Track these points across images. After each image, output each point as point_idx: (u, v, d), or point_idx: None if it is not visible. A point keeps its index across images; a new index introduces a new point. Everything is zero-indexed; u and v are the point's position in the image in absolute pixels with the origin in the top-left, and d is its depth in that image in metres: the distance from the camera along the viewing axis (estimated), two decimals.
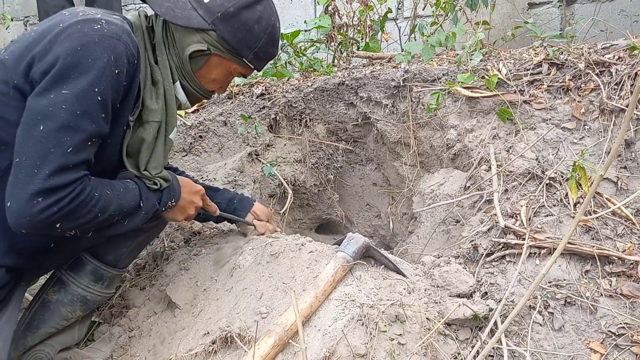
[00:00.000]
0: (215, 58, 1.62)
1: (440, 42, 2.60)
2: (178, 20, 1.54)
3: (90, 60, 1.32)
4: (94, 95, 1.33)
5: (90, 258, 1.79)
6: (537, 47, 2.60)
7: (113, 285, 1.90)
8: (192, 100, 1.74)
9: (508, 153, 2.16)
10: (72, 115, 1.30)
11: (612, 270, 1.73)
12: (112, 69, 1.35)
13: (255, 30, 1.60)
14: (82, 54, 1.32)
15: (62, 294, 1.76)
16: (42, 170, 1.28)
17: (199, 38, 1.57)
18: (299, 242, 1.90)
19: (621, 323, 1.62)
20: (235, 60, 1.64)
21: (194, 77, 1.65)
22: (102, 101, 1.35)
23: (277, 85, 2.88)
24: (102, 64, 1.33)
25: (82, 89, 1.31)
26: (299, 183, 2.83)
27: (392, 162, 2.87)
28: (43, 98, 1.30)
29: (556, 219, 1.88)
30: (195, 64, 1.62)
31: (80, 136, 1.32)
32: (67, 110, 1.30)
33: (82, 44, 1.32)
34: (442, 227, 2.28)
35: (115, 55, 1.36)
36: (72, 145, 1.31)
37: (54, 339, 1.77)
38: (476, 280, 1.80)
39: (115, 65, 1.36)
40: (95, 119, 1.35)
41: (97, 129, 1.36)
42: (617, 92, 2.10)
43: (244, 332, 1.58)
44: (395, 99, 2.66)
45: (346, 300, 1.60)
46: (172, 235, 2.31)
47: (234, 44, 1.59)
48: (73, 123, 1.31)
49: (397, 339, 1.53)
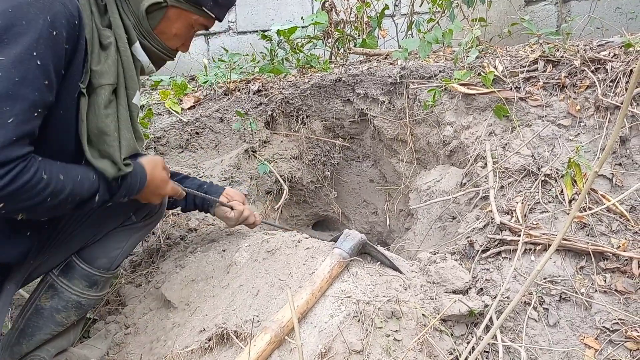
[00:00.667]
0: (173, 10, 1.52)
1: (437, 39, 2.60)
2: None
3: (25, 22, 1.20)
4: (32, 59, 1.20)
5: (81, 263, 1.72)
6: (533, 44, 2.61)
7: (107, 286, 1.86)
8: (155, 62, 1.62)
9: (504, 150, 2.16)
10: (10, 82, 1.17)
11: (607, 267, 1.74)
12: (49, 31, 1.22)
13: None
14: (14, 16, 1.19)
15: (56, 301, 1.71)
16: None
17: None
18: (295, 238, 1.90)
19: (615, 319, 1.63)
20: (194, 11, 1.54)
21: (154, 34, 1.54)
22: (42, 66, 1.21)
23: (273, 82, 2.87)
24: (37, 26, 1.20)
25: (18, 54, 1.18)
26: (295, 180, 2.84)
27: (388, 159, 2.88)
28: None
29: (551, 216, 1.89)
30: (152, 19, 1.51)
31: (21, 105, 1.18)
32: (4, 77, 1.16)
33: (14, 5, 1.20)
34: (439, 223, 2.29)
35: (52, 15, 1.23)
36: (12, 115, 1.17)
37: (50, 344, 1.73)
38: (472, 276, 1.80)
39: (53, 27, 1.23)
40: (36, 86, 1.21)
41: (40, 97, 1.22)
42: (612, 89, 2.11)
43: (240, 328, 1.58)
44: (392, 95, 2.66)
45: (342, 297, 1.60)
46: (168, 232, 2.31)
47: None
48: (12, 91, 1.17)
49: (393, 335, 1.53)
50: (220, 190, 2.02)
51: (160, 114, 2.67)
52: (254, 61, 3.41)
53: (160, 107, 2.73)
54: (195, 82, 3.20)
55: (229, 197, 2.02)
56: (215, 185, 2.05)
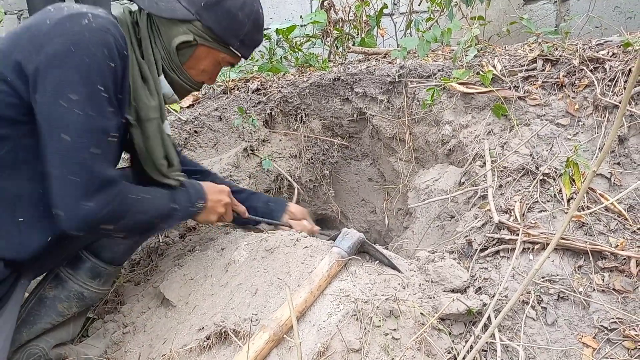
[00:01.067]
0: (202, 49, 1.62)
1: (435, 37, 2.60)
2: (162, 12, 1.54)
3: (87, 60, 1.33)
4: (100, 92, 1.35)
5: (88, 255, 1.79)
6: (532, 43, 2.61)
7: (109, 282, 1.91)
8: (180, 93, 1.73)
9: (502, 149, 2.17)
10: (89, 118, 1.34)
11: (605, 266, 1.74)
12: (108, 63, 1.36)
13: (239, 17, 1.60)
14: (77, 54, 1.32)
15: (59, 290, 1.77)
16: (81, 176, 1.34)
17: (185, 29, 1.57)
18: (294, 237, 1.90)
19: (613, 318, 1.63)
20: (222, 50, 1.64)
21: (183, 69, 1.65)
22: (107, 97, 1.37)
23: (272, 81, 2.87)
24: (99, 60, 1.34)
25: (89, 91, 1.33)
26: (294, 178, 2.84)
27: (387, 158, 2.88)
28: (54, 106, 1.32)
29: (550, 215, 1.89)
30: (182, 55, 1.62)
31: (100, 136, 1.37)
32: (83, 115, 1.33)
33: (74, 43, 1.32)
34: (437, 222, 2.29)
35: (108, 48, 1.36)
36: (98, 146, 1.36)
37: (49, 334, 1.77)
38: (470, 275, 1.81)
39: (111, 59, 1.36)
40: (108, 116, 1.39)
41: (112, 124, 1.40)
42: (611, 89, 2.11)
43: (238, 327, 1.58)
44: (390, 94, 2.66)
45: (341, 296, 1.60)
46: (167, 230, 2.31)
47: (220, 32, 1.59)
48: (92, 126, 1.35)
49: (392, 334, 1.54)
50: (284, 207, 2.11)
51: None
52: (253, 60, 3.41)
53: None
54: None
55: (292, 215, 2.11)
56: (279, 200, 2.19)
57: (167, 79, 1.65)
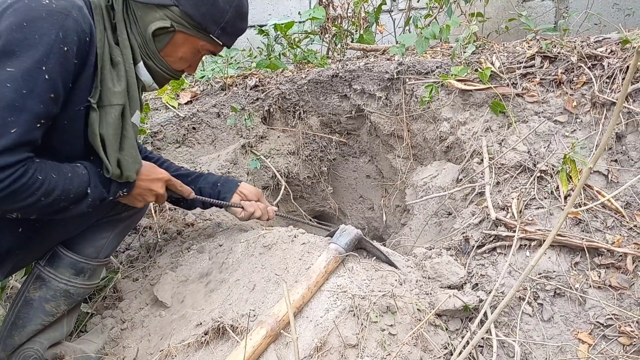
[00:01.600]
0: (180, 35, 1.54)
1: (434, 34, 2.60)
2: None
3: (37, 37, 1.25)
4: (41, 73, 1.26)
5: (66, 252, 1.73)
6: (530, 40, 2.61)
7: (97, 276, 1.85)
8: (159, 81, 1.65)
9: (500, 146, 2.17)
10: (18, 94, 1.23)
11: (601, 262, 1.75)
12: (60, 46, 1.28)
13: (220, 3, 1.52)
14: (28, 30, 1.24)
15: (44, 291, 1.72)
16: None
17: (162, 15, 1.49)
18: (291, 233, 1.91)
19: (609, 314, 1.64)
20: (201, 37, 1.56)
21: (159, 56, 1.57)
22: (49, 80, 1.27)
23: (270, 77, 2.87)
24: (49, 41, 1.26)
25: (28, 67, 1.24)
26: (292, 175, 2.84)
27: (385, 155, 2.88)
28: None
29: (547, 212, 1.90)
30: (159, 42, 1.54)
31: (25, 116, 1.25)
32: (12, 88, 1.23)
33: (28, 19, 1.25)
34: (434, 219, 2.29)
35: (64, 31, 1.28)
36: (17, 126, 1.24)
37: (42, 335, 1.74)
38: (467, 271, 1.81)
39: (64, 43, 1.28)
40: (42, 99, 1.27)
41: (44, 110, 1.28)
42: (609, 86, 2.11)
43: (236, 322, 1.59)
44: (388, 91, 2.67)
45: (338, 292, 1.61)
46: (165, 226, 2.32)
47: (198, 18, 1.51)
48: (18, 102, 1.23)
49: (388, 330, 1.54)
50: (234, 188, 2.02)
51: (157, 108, 2.66)
52: (251, 56, 3.41)
53: (157, 102, 2.72)
54: (192, 77, 3.19)
55: (243, 195, 2.03)
56: (231, 180, 2.06)
57: (147, 65, 1.58)
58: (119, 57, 1.49)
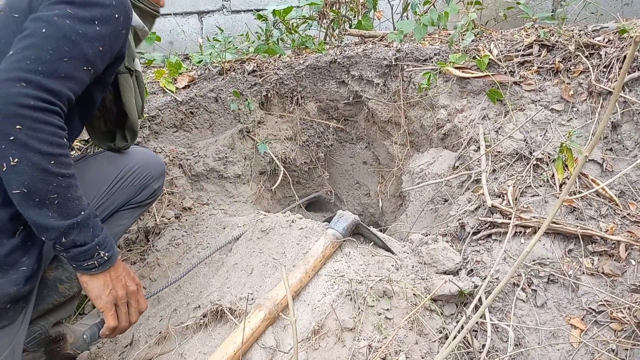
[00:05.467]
0: None
1: (432, 21, 2.59)
2: None
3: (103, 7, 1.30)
4: (94, 26, 1.29)
5: None
6: (528, 28, 2.61)
7: None
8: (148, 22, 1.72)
9: (497, 134, 2.18)
10: (74, 31, 1.25)
11: (595, 250, 1.77)
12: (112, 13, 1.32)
13: None
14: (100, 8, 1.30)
15: (60, 272, 1.73)
16: (36, 65, 1.20)
17: None
18: (289, 219, 1.92)
19: (601, 300, 1.67)
20: None
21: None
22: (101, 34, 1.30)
23: (268, 62, 2.86)
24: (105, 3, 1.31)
25: (85, 16, 1.28)
26: (289, 161, 2.85)
27: (382, 141, 2.89)
28: (48, 10, 1.26)
29: (542, 199, 1.92)
30: None
31: (76, 53, 1.26)
32: (70, 25, 1.25)
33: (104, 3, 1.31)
34: (431, 205, 2.31)
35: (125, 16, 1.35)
36: (68, 56, 1.24)
37: (51, 313, 1.78)
38: (462, 257, 1.84)
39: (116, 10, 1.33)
40: (93, 46, 1.29)
41: (92, 56, 1.29)
42: (605, 75, 2.12)
43: (234, 305, 1.60)
44: (386, 78, 2.67)
45: (335, 276, 1.63)
46: (163, 211, 2.32)
47: None
48: (74, 38, 1.25)
49: (385, 314, 1.57)
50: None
51: (154, 93, 2.65)
52: (249, 41, 3.39)
53: (154, 86, 2.71)
54: (190, 62, 3.18)
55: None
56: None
57: (137, 12, 1.63)
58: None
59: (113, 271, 1.36)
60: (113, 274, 1.36)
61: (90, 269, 1.31)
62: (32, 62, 1.19)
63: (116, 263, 1.36)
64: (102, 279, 1.34)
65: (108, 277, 1.35)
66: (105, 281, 1.34)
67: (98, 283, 1.33)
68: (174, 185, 2.45)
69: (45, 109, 1.18)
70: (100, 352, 1.82)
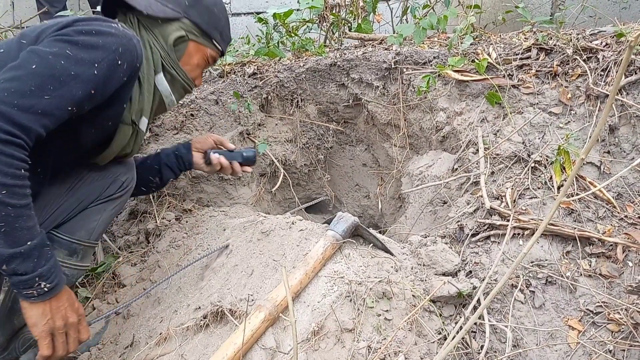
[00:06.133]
0: (192, 44, 1.76)
1: (431, 24, 2.61)
2: (158, 13, 1.69)
3: (101, 42, 1.39)
4: (92, 68, 1.36)
5: (59, 234, 1.75)
6: (527, 32, 2.63)
7: (88, 258, 1.86)
8: (178, 91, 1.82)
9: (495, 136, 2.20)
10: (66, 72, 1.32)
11: (592, 252, 1.79)
12: (115, 57, 1.41)
13: (215, 11, 1.80)
14: (95, 36, 1.39)
15: None
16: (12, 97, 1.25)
17: (177, 27, 1.72)
18: (289, 220, 1.93)
19: (599, 302, 1.68)
20: (208, 44, 1.80)
21: (179, 64, 1.76)
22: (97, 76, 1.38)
23: (269, 65, 2.88)
24: (109, 50, 1.40)
25: (83, 57, 1.35)
26: (289, 163, 2.86)
27: (381, 144, 2.90)
28: (48, 46, 1.34)
29: (540, 201, 1.93)
30: (178, 52, 1.75)
31: (63, 92, 1.32)
32: (64, 66, 1.32)
33: (98, 30, 1.40)
34: (430, 207, 2.33)
35: (124, 48, 1.43)
36: (51, 95, 1.30)
37: None
38: (461, 259, 1.85)
39: (120, 56, 1.42)
40: (84, 88, 1.36)
41: (80, 97, 1.36)
42: (603, 78, 2.14)
43: (235, 307, 1.62)
44: (386, 80, 2.68)
45: (335, 277, 1.64)
46: (164, 213, 2.34)
47: (204, 26, 1.76)
48: (64, 78, 1.32)
49: (384, 315, 1.58)
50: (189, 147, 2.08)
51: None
52: (249, 44, 3.40)
53: None
54: None
55: (197, 146, 2.09)
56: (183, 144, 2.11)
57: (167, 77, 1.75)
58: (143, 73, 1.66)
59: (54, 301, 1.37)
60: (54, 304, 1.37)
61: (29, 297, 1.33)
62: (10, 95, 1.25)
63: (59, 293, 1.38)
64: (41, 308, 1.35)
65: (47, 307, 1.36)
66: (44, 310, 1.36)
67: (36, 311, 1.35)
68: (175, 187, 2.46)
69: (6, 141, 1.23)
70: (101, 353, 1.83)
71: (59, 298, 1.38)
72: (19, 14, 4.63)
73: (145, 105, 1.72)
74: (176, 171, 2.06)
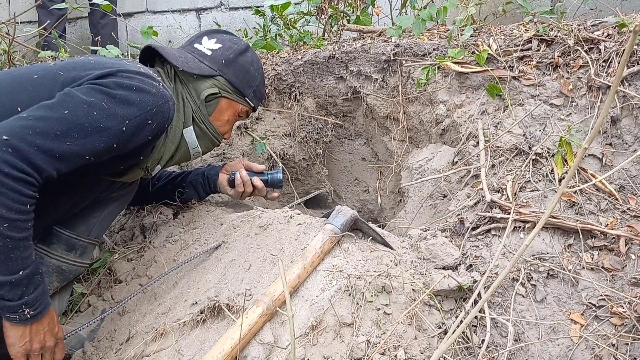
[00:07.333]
0: (224, 101, 1.86)
1: (431, 16, 2.58)
2: (194, 70, 1.79)
3: (139, 99, 1.46)
4: (122, 124, 1.43)
5: (61, 229, 1.79)
6: (527, 23, 2.60)
7: (87, 255, 1.90)
8: (205, 145, 1.90)
9: (496, 128, 2.17)
10: (95, 123, 1.38)
11: (595, 244, 1.77)
12: (147, 117, 1.48)
13: (251, 71, 1.91)
14: (136, 91, 1.46)
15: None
16: (35, 137, 1.30)
17: (210, 84, 1.82)
18: (287, 214, 1.91)
19: (601, 295, 1.66)
20: (239, 100, 1.90)
21: (209, 119, 1.85)
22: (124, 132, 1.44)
23: (266, 58, 2.85)
24: (143, 108, 1.47)
25: (116, 113, 1.41)
26: (287, 157, 2.83)
27: (381, 137, 2.88)
28: (85, 93, 1.39)
29: (541, 194, 1.91)
30: (209, 107, 1.85)
31: (85, 142, 1.37)
32: (95, 117, 1.38)
33: (138, 87, 1.48)
34: (430, 201, 2.30)
35: (157, 109, 1.51)
36: (74, 142, 1.35)
37: None
38: (461, 253, 1.83)
39: (152, 117, 1.49)
40: (107, 142, 1.42)
41: (101, 150, 1.42)
42: (604, 69, 2.11)
43: (232, 301, 1.60)
44: (385, 73, 2.65)
45: (334, 271, 1.62)
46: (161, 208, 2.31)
47: (238, 84, 1.86)
48: (90, 129, 1.37)
49: (383, 309, 1.56)
50: (218, 170, 2.17)
51: None
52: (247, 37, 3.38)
53: None
54: None
55: (226, 170, 2.17)
56: (214, 165, 2.23)
57: (196, 130, 1.83)
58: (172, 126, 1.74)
59: (35, 325, 1.44)
60: (34, 328, 1.44)
61: (11, 320, 1.40)
62: (33, 134, 1.30)
63: (42, 318, 1.44)
64: (20, 331, 1.42)
65: (27, 330, 1.43)
66: (24, 333, 1.42)
67: (16, 333, 1.42)
68: None
69: (17, 178, 1.28)
70: (97, 349, 1.81)
71: (41, 322, 1.45)
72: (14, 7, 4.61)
73: (164, 155, 1.79)
74: (200, 191, 2.16)
